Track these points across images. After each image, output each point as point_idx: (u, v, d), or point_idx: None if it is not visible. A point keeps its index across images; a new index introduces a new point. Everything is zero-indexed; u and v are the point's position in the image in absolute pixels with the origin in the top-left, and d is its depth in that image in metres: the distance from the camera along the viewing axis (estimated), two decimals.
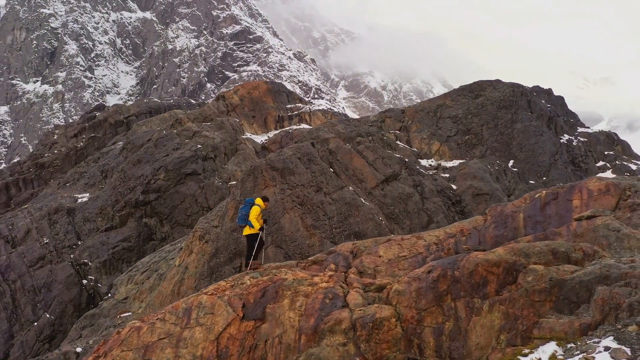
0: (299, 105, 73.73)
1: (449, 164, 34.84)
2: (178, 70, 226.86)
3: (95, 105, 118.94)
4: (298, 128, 65.89)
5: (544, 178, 34.95)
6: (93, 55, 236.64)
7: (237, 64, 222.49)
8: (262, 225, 18.58)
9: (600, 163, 38.48)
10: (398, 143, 35.65)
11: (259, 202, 18.71)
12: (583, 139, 39.34)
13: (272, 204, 28.69)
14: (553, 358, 10.32)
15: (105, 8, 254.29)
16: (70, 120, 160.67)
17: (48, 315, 47.54)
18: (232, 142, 61.70)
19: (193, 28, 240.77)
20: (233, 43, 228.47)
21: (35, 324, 47.31)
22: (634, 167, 38.36)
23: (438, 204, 30.76)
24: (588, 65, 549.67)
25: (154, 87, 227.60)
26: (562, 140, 38.16)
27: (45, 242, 53.65)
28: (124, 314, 30.80)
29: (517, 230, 14.49)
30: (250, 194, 29.02)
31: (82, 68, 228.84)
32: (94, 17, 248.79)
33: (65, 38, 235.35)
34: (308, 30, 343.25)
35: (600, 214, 13.30)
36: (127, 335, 13.24)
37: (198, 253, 29.09)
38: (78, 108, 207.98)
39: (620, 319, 10.68)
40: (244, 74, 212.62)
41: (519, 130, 36.55)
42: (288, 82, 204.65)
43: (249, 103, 70.30)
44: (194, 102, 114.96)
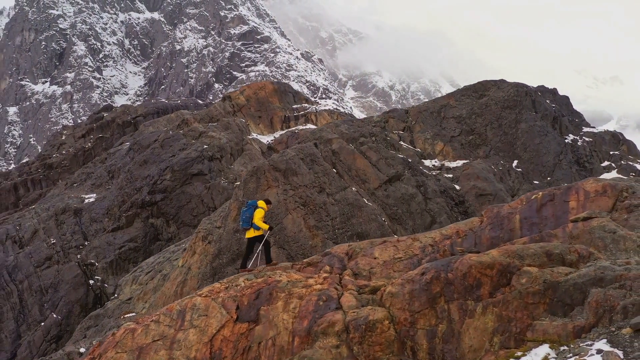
0: (305, 106, 73.68)
1: (453, 164, 34.75)
2: (186, 71, 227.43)
3: (103, 106, 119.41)
4: (304, 128, 65.80)
5: (549, 178, 34.79)
6: (101, 56, 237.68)
7: (244, 64, 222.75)
8: (271, 226, 18.66)
9: (606, 163, 38.26)
10: (401, 143, 35.60)
11: (262, 204, 18.64)
12: (588, 139, 39.13)
13: (274, 205, 28.70)
14: None
15: (114, 9, 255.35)
16: (79, 121, 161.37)
17: (55, 315, 47.76)
18: (238, 142, 61.75)
19: (201, 28, 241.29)
20: (241, 43, 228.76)
21: (42, 324, 47.56)
22: None
23: (441, 205, 30.70)
24: (597, 64, 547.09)
25: (162, 87, 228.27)
26: (566, 140, 37.96)
27: (52, 242, 53.91)
28: (128, 315, 30.91)
29: (513, 232, 14.43)
30: (253, 195, 29.05)
31: (90, 69, 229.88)
32: (102, 18, 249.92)
33: (74, 39, 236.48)
34: (316, 30, 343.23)
35: (597, 216, 13.22)
36: (121, 337, 13.30)
37: (201, 254, 29.17)
38: (86, 108, 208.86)
39: (615, 322, 10.61)
40: (252, 74, 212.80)
41: (523, 130, 36.41)
42: (295, 82, 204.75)
43: (255, 103, 70.31)
44: (201, 102, 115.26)
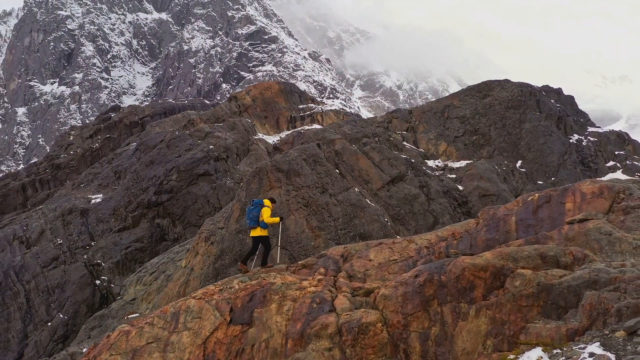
0: (311, 106, 73.68)
1: (456, 165, 34.65)
2: (193, 71, 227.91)
3: (111, 107, 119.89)
4: (310, 128, 65.79)
5: (553, 178, 34.64)
6: (109, 57, 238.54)
7: (252, 64, 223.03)
8: (281, 217, 19.06)
9: (611, 163, 38.06)
10: (405, 144, 35.52)
11: (267, 203, 18.74)
12: (593, 139, 38.94)
13: (277, 206, 28.71)
14: None
15: (122, 9, 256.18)
16: (87, 121, 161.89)
17: (61, 316, 47.95)
18: (244, 142, 61.83)
19: (208, 29, 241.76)
20: (248, 43, 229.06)
21: (49, 324, 47.76)
22: None
23: (444, 205, 30.62)
24: (606, 64, 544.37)
25: (170, 87, 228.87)
26: (571, 140, 37.79)
27: (59, 242, 54.11)
28: (132, 315, 30.96)
29: (508, 234, 14.34)
30: (256, 196, 29.06)
31: (98, 69, 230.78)
32: (110, 18, 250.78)
33: (82, 40, 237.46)
34: (323, 30, 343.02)
35: (593, 217, 13.11)
36: (116, 339, 13.33)
37: (203, 255, 29.20)
38: (95, 109, 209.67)
39: (609, 324, 10.53)
40: (259, 74, 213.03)
41: (528, 130, 36.26)
42: (303, 82, 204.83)
43: (261, 104, 70.40)
44: (209, 102, 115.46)
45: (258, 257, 18.56)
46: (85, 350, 14.51)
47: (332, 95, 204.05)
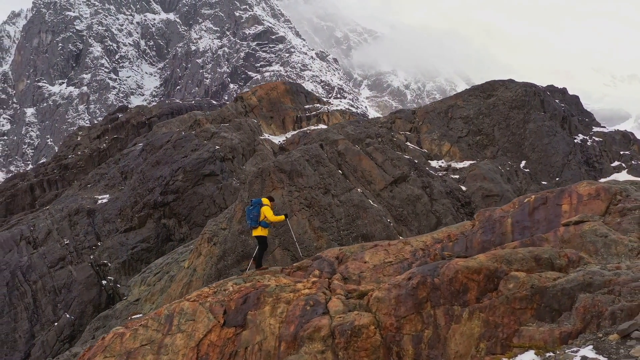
0: (317, 106, 73.66)
1: (459, 165, 34.53)
2: (201, 71, 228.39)
3: (118, 107, 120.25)
4: (316, 128, 65.79)
5: (557, 179, 34.47)
6: (117, 57, 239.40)
7: (259, 65, 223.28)
8: (285, 214, 19.27)
9: (616, 163, 37.83)
10: (408, 144, 35.44)
11: (267, 202, 18.80)
12: (598, 139, 38.72)
13: (279, 206, 28.72)
14: None
15: (130, 10, 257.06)
16: (95, 122, 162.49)
17: (68, 316, 48.12)
18: (250, 143, 61.89)
19: (216, 29, 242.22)
20: (255, 43, 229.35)
21: (56, 324, 47.93)
22: None
23: (447, 206, 30.54)
24: (614, 63, 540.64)
25: (178, 88, 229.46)
26: (576, 140, 37.60)
27: (66, 243, 54.32)
28: (135, 316, 31.07)
29: (504, 236, 14.26)
30: (258, 196, 29.04)
31: (106, 70, 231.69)
32: (118, 19, 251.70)
33: (90, 40, 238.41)
34: (331, 30, 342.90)
35: (589, 219, 13.01)
36: (110, 342, 13.36)
37: (206, 255, 29.24)
38: (103, 109, 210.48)
39: (602, 328, 10.45)
40: (267, 74, 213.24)
41: (532, 131, 36.10)
42: (310, 82, 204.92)
43: (267, 104, 70.46)
44: (215, 102, 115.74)
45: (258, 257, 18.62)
46: (81, 353, 14.56)
47: (339, 95, 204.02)
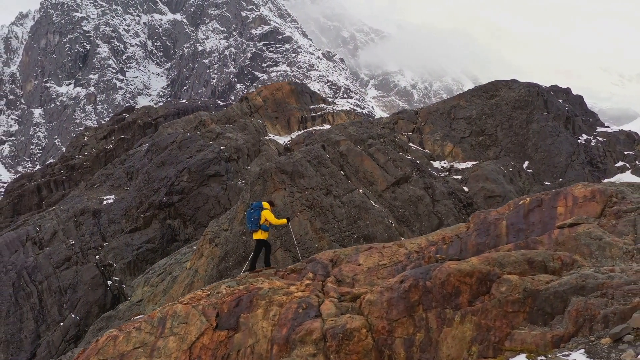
0: (322, 106, 73.62)
1: (462, 166, 34.42)
2: (208, 72, 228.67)
3: (125, 107, 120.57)
4: (321, 129, 65.75)
5: (560, 179, 34.30)
6: (124, 58, 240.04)
7: (266, 65, 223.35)
8: (288, 218, 19.45)
9: (620, 163, 37.62)
10: (410, 145, 35.37)
11: (267, 205, 18.91)
12: (602, 139, 38.52)
13: (281, 207, 28.77)
14: None
15: (136, 11, 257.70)
16: (103, 122, 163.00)
17: (73, 316, 48.29)
18: (255, 143, 61.95)
19: (222, 29, 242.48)
20: (262, 43, 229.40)
21: (61, 324, 48.11)
22: None
23: (449, 207, 30.46)
24: (622, 62, 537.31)
25: (184, 88, 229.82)
26: (579, 141, 37.40)
27: (71, 243, 54.51)
28: (138, 317, 31.11)
29: (499, 238, 14.18)
30: (260, 197, 29.09)
31: (113, 70, 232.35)
32: (125, 19, 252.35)
33: (97, 41, 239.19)
34: (337, 30, 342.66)
35: (584, 222, 12.93)
36: (103, 344, 13.39)
37: (208, 256, 29.30)
38: (110, 110, 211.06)
39: (595, 331, 10.39)
40: (273, 74, 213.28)
41: (535, 131, 35.95)
42: (317, 81, 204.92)
43: (273, 104, 70.48)
44: (222, 103, 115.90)
45: (261, 257, 18.72)
46: (75, 355, 14.60)
47: (346, 95, 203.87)
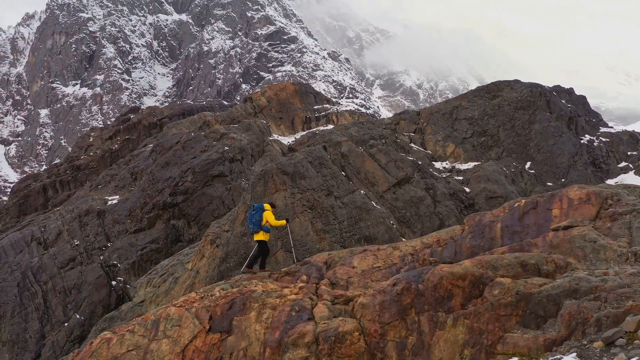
0: (327, 106, 73.63)
1: (464, 167, 34.37)
2: (213, 72, 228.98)
3: (130, 108, 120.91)
4: (325, 129, 65.75)
5: (563, 180, 34.19)
6: (130, 58, 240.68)
7: (271, 65, 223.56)
8: (287, 219, 19.73)
9: (623, 164, 37.48)
10: (412, 145, 35.32)
11: (268, 207, 19.03)
12: (605, 139, 38.39)
13: (282, 209, 28.80)
14: None
15: (142, 11, 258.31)
16: (109, 122, 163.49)
17: (78, 316, 48.45)
18: (259, 143, 62.00)
19: (228, 29, 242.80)
20: (268, 44, 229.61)
21: (66, 325, 48.28)
22: None
23: (450, 208, 30.42)
24: (629, 61, 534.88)
25: (190, 88, 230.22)
26: (582, 141, 37.28)
27: (76, 243, 54.70)
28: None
29: (493, 241, 14.11)
30: (261, 199, 29.11)
31: (119, 71, 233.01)
32: (131, 20, 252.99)
33: (103, 41, 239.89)
34: (343, 30, 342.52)
35: (578, 224, 12.87)
36: (97, 347, 13.42)
37: (209, 257, 29.34)
38: (116, 110, 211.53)
39: (588, 335, 10.34)
40: (279, 75, 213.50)
41: (537, 131, 35.84)
42: (322, 81, 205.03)
43: (277, 104, 70.53)
44: (227, 103, 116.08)
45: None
46: (70, 357, 14.66)
47: (351, 95, 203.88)
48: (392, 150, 33.15)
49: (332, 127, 65.37)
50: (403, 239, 27.76)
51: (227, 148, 58.58)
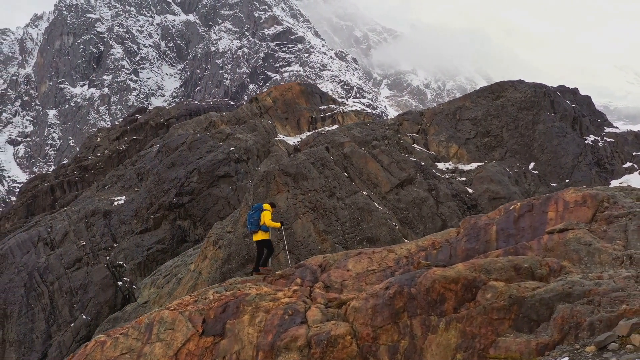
0: (332, 107, 73.61)
1: (467, 167, 34.24)
2: (221, 72, 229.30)
3: (137, 108, 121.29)
4: (331, 129, 65.75)
5: (567, 180, 34.01)
6: (138, 59, 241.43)
7: (279, 65, 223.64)
8: (281, 222, 19.32)
9: (628, 164, 37.22)
10: (415, 146, 35.24)
11: (267, 207, 19.00)
12: (610, 140, 38.15)
13: (284, 210, 28.81)
14: None
15: (150, 12, 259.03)
16: (116, 123, 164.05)
17: (84, 316, 48.63)
18: (264, 144, 62.06)
19: (235, 30, 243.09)
20: (275, 44, 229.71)
21: (72, 325, 48.47)
22: None
23: (453, 209, 30.32)
24: (638, 61, 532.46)
25: (198, 89, 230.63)
26: (587, 141, 37.06)
27: (82, 244, 54.90)
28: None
29: (488, 244, 14.04)
30: (263, 200, 29.12)
31: (127, 71, 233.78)
32: (139, 20, 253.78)
33: (111, 42, 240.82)
34: (350, 30, 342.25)
35: (574, 227, 12.80)
36: (91, 350, 13.46)
37: (211, 259, 29.38)
38: (124, 111, 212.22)
39: (580, 339, 10.27)
40: (286, 75, 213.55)
41: (541, 132, 35.68)
42: (329, 81, 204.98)
43: (282, 105, 70.57)
44: (233, 103, 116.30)
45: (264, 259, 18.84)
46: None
47: (358, 95, 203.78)
48: (394, 151, 33.07)
49: (337, 127, 65.39)
50: (405, 240, 27.71)
51: (232, 148, 58.65)
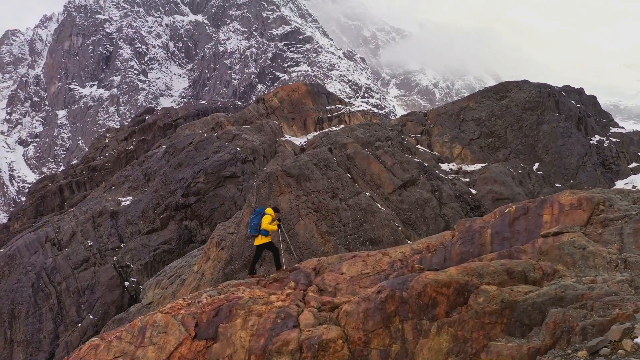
0: (339, 107, 73.55)
1: (470, 168, 34.08)
2: (229, 72, 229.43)
3: (145, 109, 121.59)
4: (337, 129, 65.68)
5: (572, 181, 33.80)
6: (147, 59, 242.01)
7: (287, 65, 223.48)
8: (279, 224, 18.93)
9: (633, 164, 36.95)
10: (418, 147, 35.13)
11: (269, 211, 18.89)
12: (615, 140, 37.88)
13: (286, 211, 28.79)
14: None
15: (158, 12, 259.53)
16: (125, 123, 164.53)
17: (91, 317, 48.83)
18: (271, 144, 62.08)
19: (243, 30, 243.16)
20: (283, 44, 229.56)
21: (79, 325, 48.67)
22: None
23: (456, 210, 30.21)
24: None
25: (206, 89, 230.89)
26: (592, 142, 36.82)
27: (90, 244, 55.11)
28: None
29: (483, 247, 13.97)
30: (266, 201, 29.16)
31: (136, 72, 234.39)
32: (148, 21, 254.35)
33: (120, 43, 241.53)
34: (358, 29, 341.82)
35: (568, 230, 12.71)
36: (85, 353, 13.47)
37: (214, 260, 29.41)
38: (132, 111, 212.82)
39: (572, 344, 10.18)
40: (294, 75, 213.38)
41: (545, 132, 35.46)
42: (338, 81, 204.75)
43: (289, 105, 70.56)
44: (241, 103, 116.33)
45: (271, 263, 18.72)
46: None
47: (367, 95, 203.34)
48: (398, 152, 32.98)
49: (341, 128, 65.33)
50: (408, 241, 27.64)
51: (239, 149, 58.74)
